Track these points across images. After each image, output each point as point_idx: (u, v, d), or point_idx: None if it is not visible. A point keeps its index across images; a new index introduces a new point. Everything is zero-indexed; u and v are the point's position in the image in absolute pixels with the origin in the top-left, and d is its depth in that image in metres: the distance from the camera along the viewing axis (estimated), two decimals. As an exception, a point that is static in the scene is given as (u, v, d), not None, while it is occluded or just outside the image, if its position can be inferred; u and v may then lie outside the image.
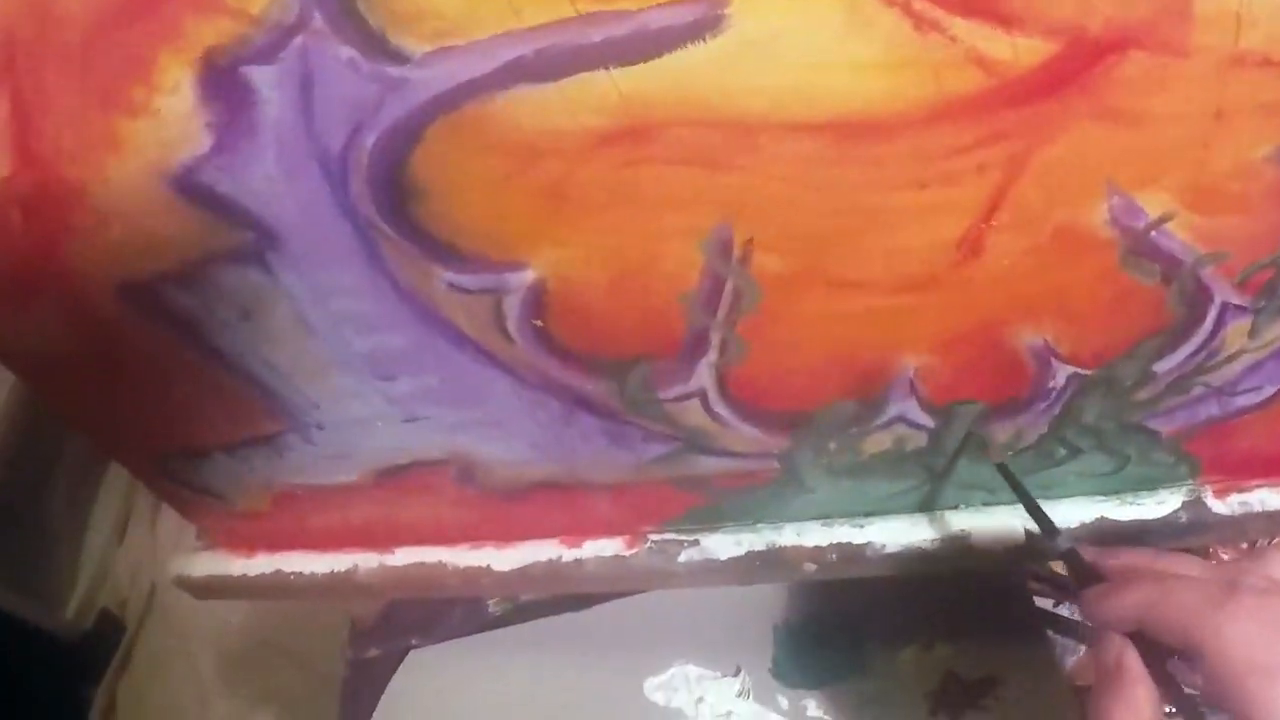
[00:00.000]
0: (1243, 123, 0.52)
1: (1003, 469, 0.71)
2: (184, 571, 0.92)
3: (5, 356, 0.70)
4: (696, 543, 0.82)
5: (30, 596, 1.82)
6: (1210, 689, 0.52)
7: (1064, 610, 0.96)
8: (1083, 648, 0.96)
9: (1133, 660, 0.56)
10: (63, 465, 1.93)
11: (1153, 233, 0.57)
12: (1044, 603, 0.96)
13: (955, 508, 0.79)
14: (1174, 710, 0.56)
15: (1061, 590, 0.97)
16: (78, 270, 0.62)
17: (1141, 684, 0.56)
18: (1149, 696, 0.55)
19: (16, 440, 1.76)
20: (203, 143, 0.55)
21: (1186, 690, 0.56)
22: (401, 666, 1.00)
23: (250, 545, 0.90)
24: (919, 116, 0.51)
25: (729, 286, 0.59)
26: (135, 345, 0.67)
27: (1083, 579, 0.63)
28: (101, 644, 1.93)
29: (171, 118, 0.55)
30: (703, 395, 0.67)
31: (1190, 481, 0.77)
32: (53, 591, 1.90)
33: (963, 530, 0.78)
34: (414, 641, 1.01)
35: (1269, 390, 0.69)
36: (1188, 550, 0.89)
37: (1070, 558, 0.65)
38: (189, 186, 0.57)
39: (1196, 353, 0.64)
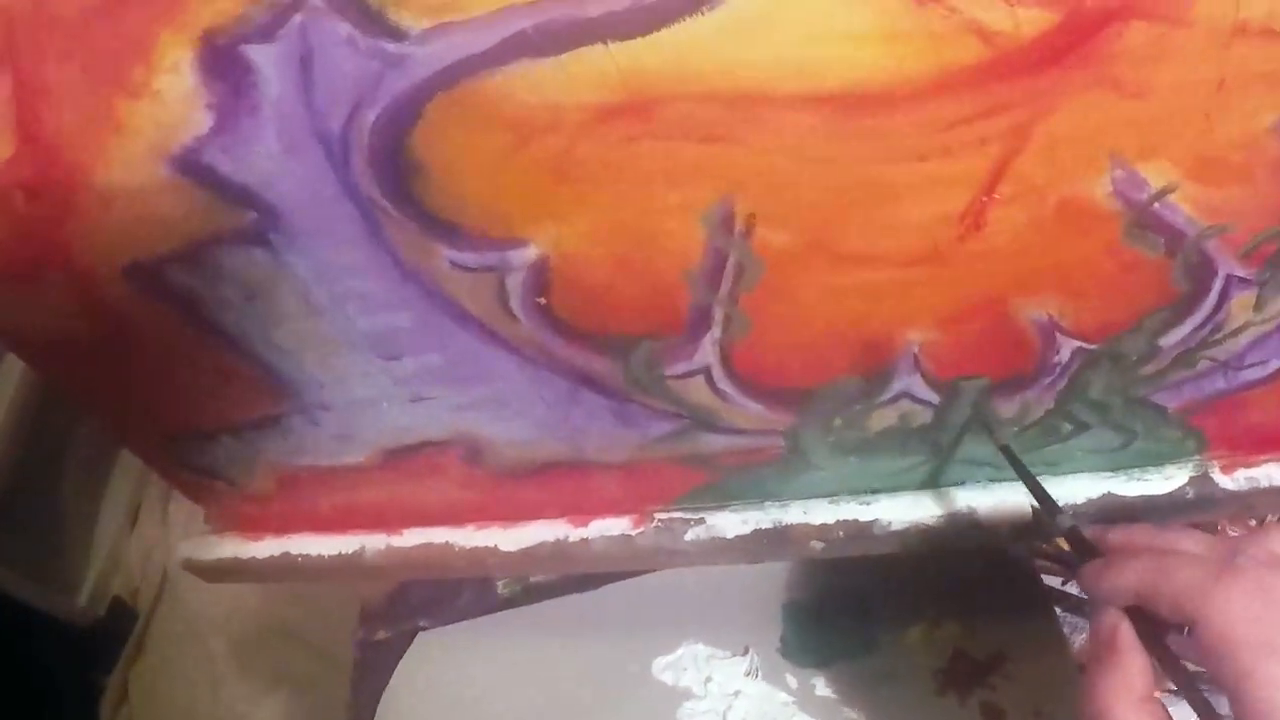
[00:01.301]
0: (1245, 93, 0.52)
1: (1006, 451, 0.71)
2: (192, 555, 0.93)
3: (11, 340, 0.71)
4: (703, 521, 0.82)
5: (43, 584, 1.83)
6: (1204, 662, 0.52)
7: (1072, 588, 0.96)
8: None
9: (1127, 634, 0.56)
10: (74, 453, 1.94)
11: (1156, 205, 0.57)
12: (1052, 580, 0.96)
13: (961, 484, 0.79)
14: (1174, 688, 0.56)
15: (1069, 568, 0.97)
16: (82, 252, 0.62)
17: (1135, 658, 0.55)
18: (1142, 671, 0.55)
19: (28, 428, 1.77)
20: (203, 123, 0.56)
21: (1187, 666, 0.55)
22: (410, 648, 1.00)
23: (258, 528, 0.90)
24: (919, 88, 0.51)
25: (731, 261, 0.59)
26: (141, 327, 0.67)
27: (1084, 556, 0.63)
28: (114, 631, 1.94)
29: (172, 98, 0.55)
30: (707, 372, 0.67)
31: (1197, 457, 0.77)
32: (65, 579, 1.91)
33: (969, 507, 0.77)
34: (423, 623, 1.01)
35: (1275, 364, 0.68)
36: (1196, 527, 0.89)
37: (1072, 536, 0.65)
38: (191, 167, 0.57)
39: (1202, 326, 0.64)
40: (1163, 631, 0.55)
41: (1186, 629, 0.53)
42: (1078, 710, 0.57)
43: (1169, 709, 0.55)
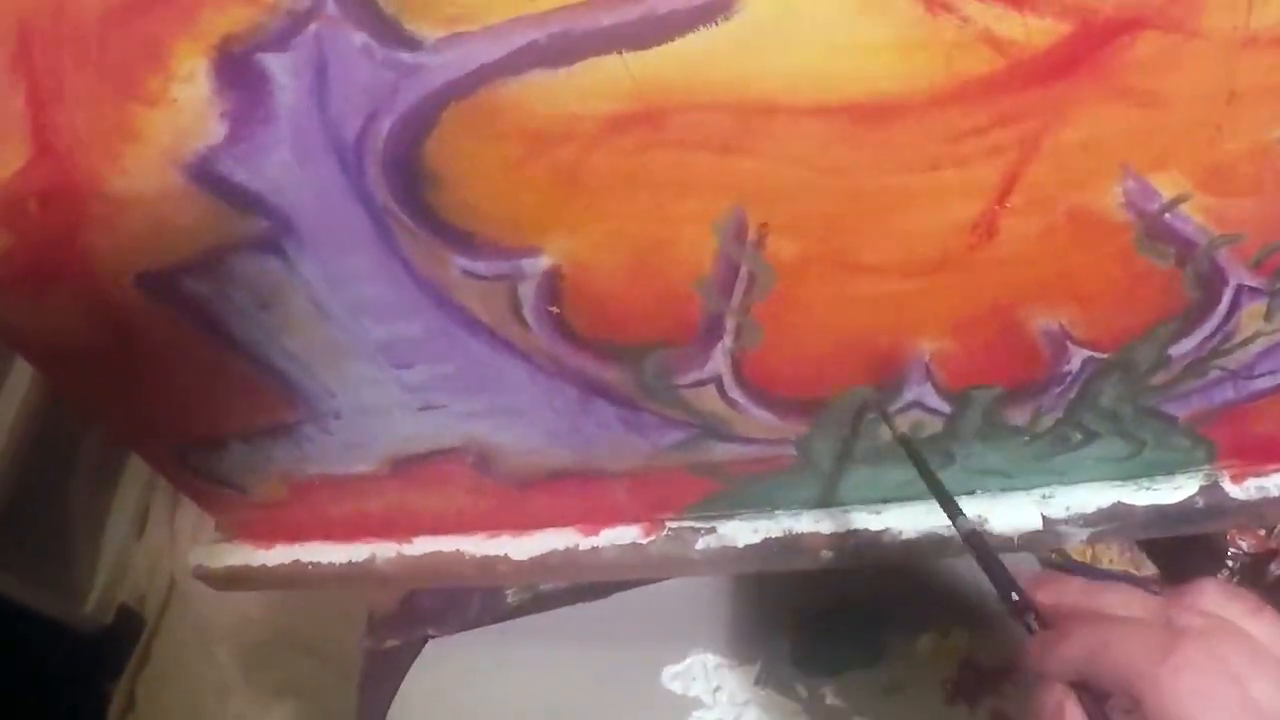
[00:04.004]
0: (1256, 104, 0.52)
1: (906, 443, 0.71)
2: (203, 563, 0.93)
3: (22, 347, 0.71)
4: (714, 530, 0.82)
5: (50, 591, 1.83)
6: None
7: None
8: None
9: (1074, 711, 0.54)
10: (81, 460, 1.94)
11: (1167, 215, 0.57)
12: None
13: (972, 493, 0.79)
14: None
15: (1081, 576, 0.96)
16: (95, 260, 0.62)
17: None
18: None
19: (35, 435, 1.77)
20: (218, 131, 0.56)
21: None
22: (420, 657, 1.00)
23: (268, 536, 0.91)
24: (931, 98, 0.51)
25: (743, 271, 0.60)
26: (153, 335, 0.67)
27: (988, 565, 0.62)
28: (121, 639, 1.94)
29: (187, 106, 0.55)
30: (718, 381, 0.67)
31: (1207, 466, 0.77)
32: (72, 586, 1.91)
33: (979, 516, 0.77)
34: (432, 631, 1.01)
35: (1286, 374, 0.69)
36: (1207, 536, 0.89)
37: (973, 540, 0.64)
38: (205, 175, 0.57)
39: (1212, 336, 0.64)
40: (1104, 700, 0.54)
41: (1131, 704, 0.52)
42: None
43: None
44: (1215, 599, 0.54)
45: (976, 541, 0.64)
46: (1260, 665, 0.51)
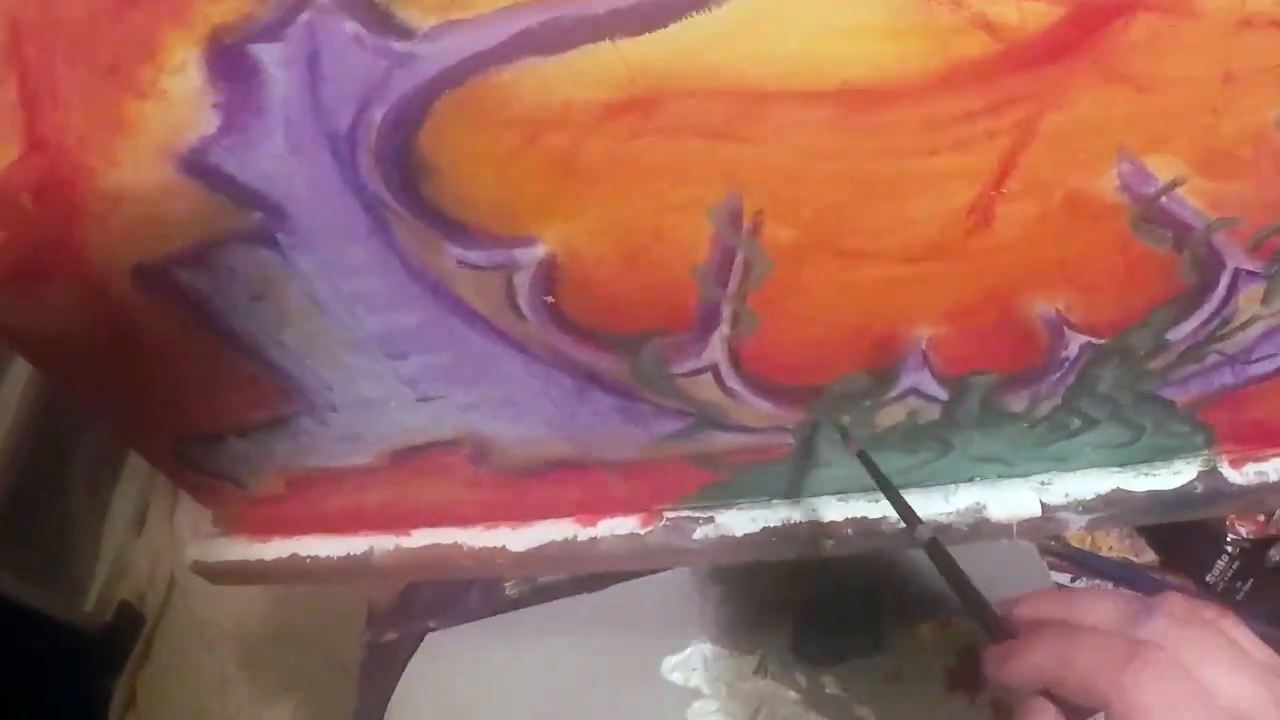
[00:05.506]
0: (1252, 86, 0.52)
1: (863, 457, 0.72)
2: (200, 557, 0.93)
3: (18, 342, 0.71)
4: (712, 520, 0.82)
5: (50, 589, 1.83)
6: None
7: (1081, 584, 0.96)
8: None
9: None
10: (81, 458, 1.94)
11: (1163, 198, 0.57)
12: (1061, 577, 0.95)
13: (970, 480, 0.79)
14: None
15: (1080, 565, 0.96)
16: (89, 254, 0.62)
17: None
18: None
19: (33, 433, 1.77)
20: (211, 123, 0.55)
21: None
22: (419, 649, 1.00)
23: (266, 530, 0.90)
24: (927, 83, 0.51)
25: (739, 258, 0.59)
26: (148, 329, 0.67)
27: (946, 571, 0.63)
28: (121, 636, 1.94)
29: (179, 98, 0.55)
30: (715, 370, 0.67)
31: (1206, 451, 0.77)
32: (72, 584, 1.91)
33: (978, 503, 0.78)
34: (431, 624, 1.01)
35: (1284, 358, 0.69)
36: (1206, 523, 0.89)
37: (932, 549, 0.65)
38: (198, 167, 0.57)
39: (1210, 320, 0.64)
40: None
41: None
42: None
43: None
44: (1178, 607, 0.54)
45: (935, 548, 0.65)
46: (1223, 669, 0.51)
